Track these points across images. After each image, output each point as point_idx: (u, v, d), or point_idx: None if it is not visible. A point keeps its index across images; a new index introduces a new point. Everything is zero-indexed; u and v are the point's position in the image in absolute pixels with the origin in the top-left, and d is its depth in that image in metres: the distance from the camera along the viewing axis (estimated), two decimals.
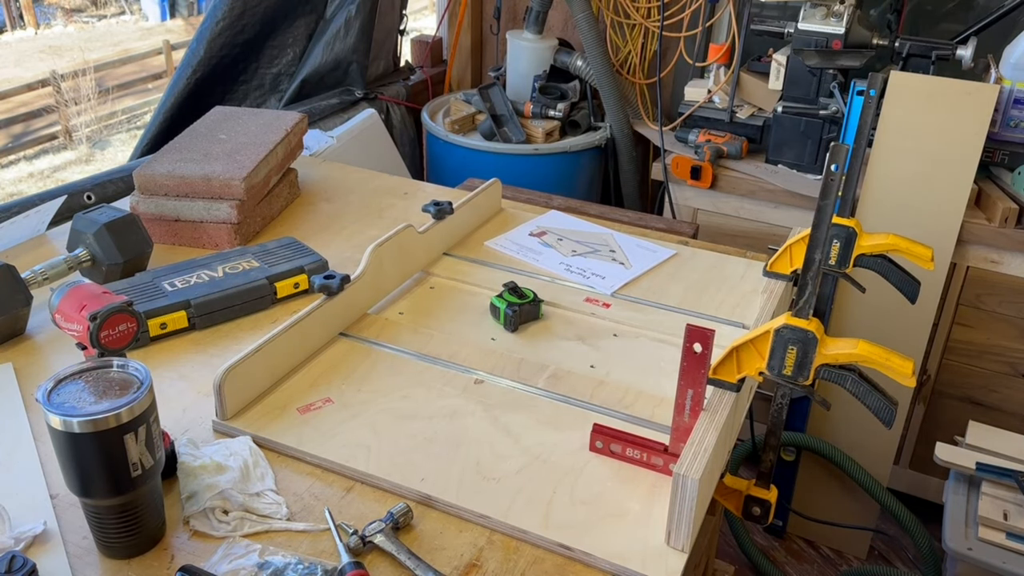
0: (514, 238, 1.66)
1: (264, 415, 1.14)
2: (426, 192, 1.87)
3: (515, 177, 2.22)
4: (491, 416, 1.15)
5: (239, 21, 2.28)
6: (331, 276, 1.30)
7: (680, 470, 0.91)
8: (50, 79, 9.08)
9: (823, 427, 2.21)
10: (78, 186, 1.87)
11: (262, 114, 1.85)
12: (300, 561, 0.91)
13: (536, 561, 0.94)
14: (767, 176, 2.23)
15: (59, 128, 8.90)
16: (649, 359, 1.30)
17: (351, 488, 1.03)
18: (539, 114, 2.51)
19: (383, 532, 0.94)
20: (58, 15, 12.40)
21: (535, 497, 1.01)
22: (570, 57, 2.59)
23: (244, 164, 1.61)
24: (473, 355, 1.28)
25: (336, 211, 1.76)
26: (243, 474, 1.01)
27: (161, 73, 10.36)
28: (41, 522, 0.95)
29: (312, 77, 2.51)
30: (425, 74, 2.95)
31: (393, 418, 1.14)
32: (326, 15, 2.52)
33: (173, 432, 1.07)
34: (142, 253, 1.45)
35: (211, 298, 1.34)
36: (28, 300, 1.30)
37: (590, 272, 1.53)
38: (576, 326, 1.39)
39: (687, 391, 1.00)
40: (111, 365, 0.92)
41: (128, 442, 0.86)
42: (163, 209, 1.58)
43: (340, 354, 1.28)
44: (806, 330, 0.98)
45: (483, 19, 3.02)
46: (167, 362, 1.26)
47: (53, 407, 0.85)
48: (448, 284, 1.50)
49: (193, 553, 0.93)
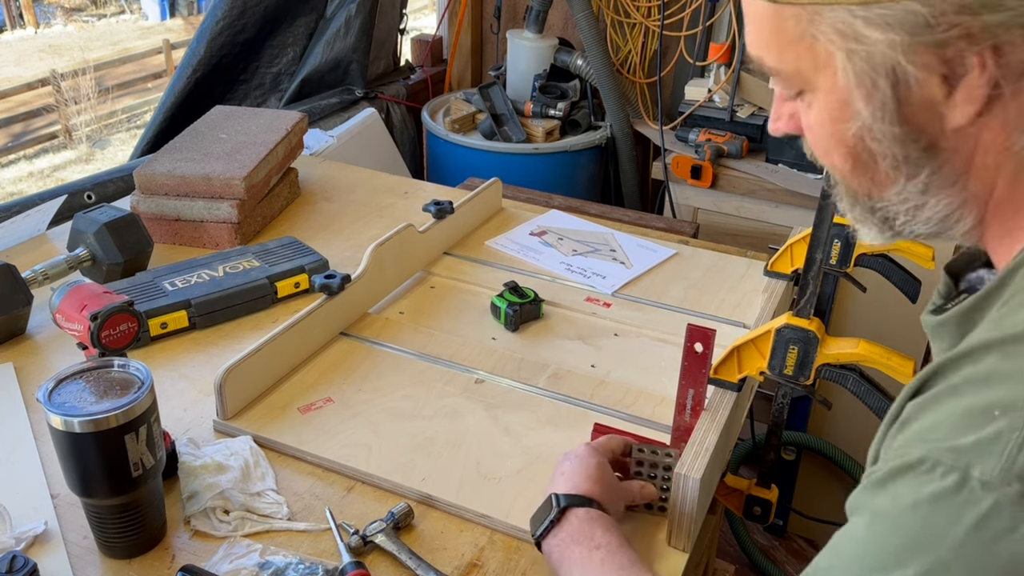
0: (515, 237, 1.66)
1: (265, 415, 1.14)
2: (426, 191, 1.86)
3: (515, 176, 2.21)
4: (492, 416, 1.15)
5: (239, 20, 2.28)
6: (332, 276, 1.30)
7: (681, 470, 0.91)
8: (50, 78, 9.08)
9: (824, 426, 2.21)
10: (78, 185, 1.87)
11: (262, 113, 1.84)
12: (301, 561, 0.91)
13: (537, 561, 0.94)
14: (768, 175, 2.23)
15: (59, 127, 8.90)
16: (650, 359, 1.30)
17: (352, 488, 1.03)
18: (539, 113, 2.51)
19: (384, 532, 0.94)
20: (58, 14, 12.40)
21: (536, 497, 1.01)
22: (570, 56, 2.59)
23: (244, 163, 1.61)
24: (474, 355, 1.28)
25: (336, 210, 1.76)
26: (244, 474, 1.01)
27: (161, 72, 10.36)
28: (42, 522, 0.95)
29: (312, 76, 2.51)
30: (425, 73, 2.95)
31: (394, 418, 1.14)
32: (326, 14, 2.52)
33: (174, 432, 1.07)
34: (142, 253, 1.45)
35: (212, 298, 1.34)
36: (28, 300, 1.30)
37: (591, 271, 1.53)
38: (577, 326, 1.39)
39: (688, 391, 1.00)
40: (112, 365, 0.92)
41: (129, 442, 0.86)
42: (163, 209, 1.58)
43: (341, 354, 1.28)
44: (807, 330, 0.98)
45: (483, 18, 3.02)
46: (168, 362, 1.26)
47: (54, 407, 0.85)
48: (449, 284, 1.50)
49: (194, 553, 0.93)
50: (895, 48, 0.54)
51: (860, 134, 0.59)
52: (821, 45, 0.58)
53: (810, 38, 0.58)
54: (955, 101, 0.56)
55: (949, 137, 0.58)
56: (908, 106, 0.57)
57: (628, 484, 0.97)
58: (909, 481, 0.50)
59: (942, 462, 0.49)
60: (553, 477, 0.94)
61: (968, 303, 0.60)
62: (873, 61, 0.56)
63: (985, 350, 0.52)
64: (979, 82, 0.54)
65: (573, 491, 0.89)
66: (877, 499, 0.52)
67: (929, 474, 0.49)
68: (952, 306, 0.63)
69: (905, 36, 0.54)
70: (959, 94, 0.55)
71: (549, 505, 0.89)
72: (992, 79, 0.54)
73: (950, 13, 0.52)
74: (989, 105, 0.55)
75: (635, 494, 0.96)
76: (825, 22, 0.57)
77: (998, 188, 0.59)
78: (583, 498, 0.88)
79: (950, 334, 0.63)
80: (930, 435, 0.51)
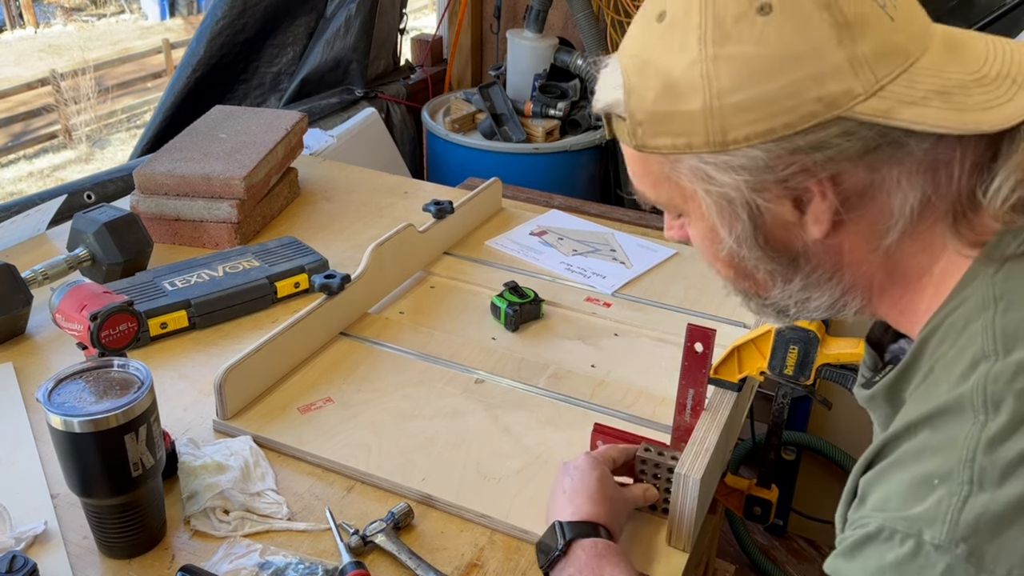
0: (515, 237, 1.66)
1: (265, 415, 1.14)
2: (426, 191, 1.86)
3: (515, 176, 2.21)
4: (492, 416, 1.15)
5: (239, 20, 2.28)
6: (331, 275, 1.30)
7: (681, 470, 0.91)
8: (50, 78, 9.07)
9: (824, 427, 2.21)
10: (78, 185, 1.87)
11: (262, 113, 1.84)
12: (301, 561, 0.91)
13: (537, 561, 0.93)
14: None
15: (59, 127, 8.89)
16: (650, 359, 1.30)
17: (352, 488, 1.03)
18: (539, 113, 2.51)
19: (384, 532, 0.94)
20: (58, 14, 12.39)
21: (536, 497, 1.01)
22: (570, 56, 2.59)
23: (244, 163, 1.61)
24: (474, 355, 1.28)
25: (336, 210, 1.76)
26: (244, 474, 1.01)
27: (161, 72, 10.35)
28: (42, 522, 0.95)
29: (312, 76, 2.51)
30: (425, 73, 2.95)
31: (394, 418, 1.14)
32: (326, 14, 2.52)
33: (174, 432, 1.07)
34: (142, 252, 1.45)
35: (211, 297, 1.34)
36: (28, 300, 1.30)
37: (591, 271, 1.53)
38: (577, 326, 1.39)
39: (688, 391, 1.00)
40: (111, 365, 0.92)
41: (129, 442, 0.86)
42: (163, 208, 1.58)
43: (341, 354, 1.28)
44: (808, 330, 0.98)
45: (483, 18, 3.02)
46: (168, 362, 1.26)
47: (54, 407, 0.85)
48: (448, 283, 1.50)
49: (194, 553, 0.93)
50: (744, 187, 0.62)
51: (731, 254, 0.67)
52: (685, 182, 0.66)
53: (675, 176, 0.66)
54: (807, 221, 0.63)
55: (813, 248, 0.65)
56: (768, 230, 0.64)
57: (631, 489, 0.96)
58: (873, 550, 0.57)
59: (898, 530, 0.55)
60: (554, 492, 0.93)
61: (891, 377, 0.67)
62: (728, 197, 0.63)
63: (918, 426, 0.58)
64: (823, 207, 0.62)
65: (577, 516, 0.87)
66: (849, 566, 0.58)
67: (888, 542, 0.56)
68: (879, 379, 0.69)
69: (750, 177, 0.61)
70: (809, 216, 0.63)
71: (553, 534, 0.86)
72: (832, 205, 0.62)
73: (785, 155, 0.60)
74: (838, 221, 0.63)
75: (639, 499, 0.96)
76: (683, 166, 0.64)
77: (875, 279, 0.67)
78: (588, 526, 0.86)
79: (881, 407, 0.70)
80: (885, 506, 0.57)
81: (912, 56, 0.60)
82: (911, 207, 0.61)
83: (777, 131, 0.59)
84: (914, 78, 0.59)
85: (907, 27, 0.61)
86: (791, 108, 0.59)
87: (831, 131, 0.59)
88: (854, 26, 0.58)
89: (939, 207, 0.62)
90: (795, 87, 0.58)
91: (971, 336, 0.59)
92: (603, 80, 0.70)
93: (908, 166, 0.60)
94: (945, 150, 0.60)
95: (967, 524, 0.52)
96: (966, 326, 0.60)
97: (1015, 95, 0.60)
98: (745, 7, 0.59)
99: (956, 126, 0.58)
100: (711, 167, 0.63)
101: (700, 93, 0.61)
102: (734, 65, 0.59)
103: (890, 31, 0.60)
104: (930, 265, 0.64)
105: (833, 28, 0.58)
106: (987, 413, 0.54)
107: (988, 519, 0.52)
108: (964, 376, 0.57)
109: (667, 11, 0.63)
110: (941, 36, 0.63)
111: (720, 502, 1.25)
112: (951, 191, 0.61)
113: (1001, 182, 0.59)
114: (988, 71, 0.61)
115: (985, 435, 0.54)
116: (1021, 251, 0.60)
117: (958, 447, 0.55)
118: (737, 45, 0.59)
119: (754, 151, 0.60)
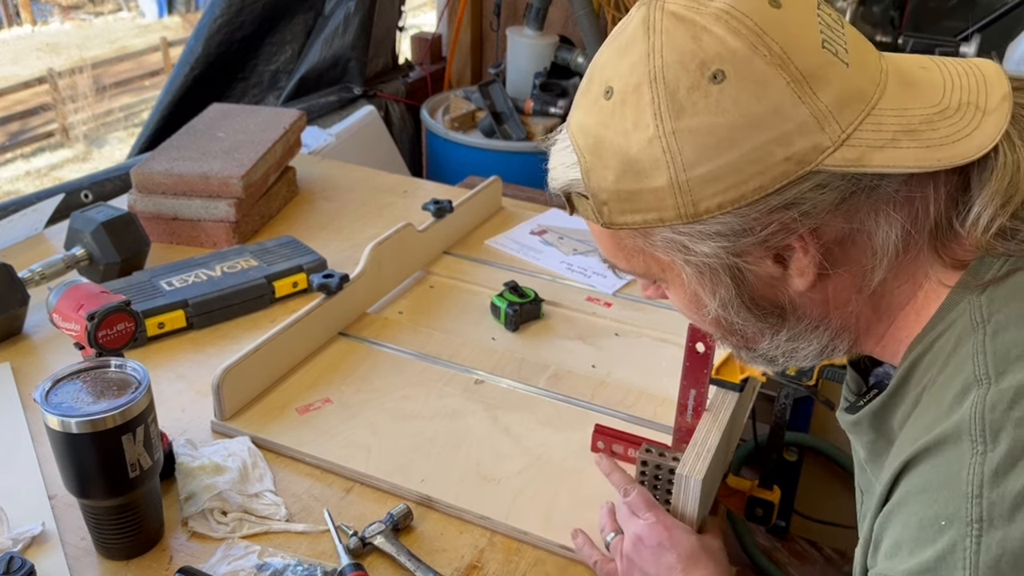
0: (515, 236, 1.65)
1: (263, 415, 1.13)
2: (426, 190, 1.86)
3: (516, 175, 2.20)
4: (492, 416, 1.15)
5: (237, 18, 2.27)
6: (330, 275, 1.29)
7: (683, 471, 0.90)
8: (47, 76, 9.06)
9: (826, 427, 2.20)
10: (75, 184, 1.86)
11: (260, 111, 1.84)
12: (299, 562, 0.90)
13: (537, 562, 0.93)
14: None
15: (56, 126, 8.87)
16: (651, 359, 1.30)
17: (351, 489, 1.03)
18: (540, 111, 2.50)
19: (383, 533, 0.93)
20: (55, 12, 12.37)
21: (536, 498, 1.00)
22: (571, 54, 2.58)
23: (242, 162, 1.60)
24: (473, 355, 1.27)
25: (335, 209, 1.76)
26: (242, 475, 1.01)
27: (158, 70, 10.33)
28: (39, 523, 0.95)
29: (311, 74, 2.50)
30: (424, 71, 2.94)
31: (393, 418, 1.14)
32: (325, 12, 2.51)
33: (171, 432, 1.07)
34: (140, 252, 1.45)
35: (209, 297, 1.33)
36: (25, 299, 1.29)
37: (591, 271, 1.52)
38: (577, 325, 1.38)
39: (689, 391, 0.99)
40: (109, 365, 0.91)
41: (126, 442, 0.86)
42: (161, 207, 1.57)
43: (339, 354, 1.27)
44: None
45: (483, 16, 3.01)
46: (165, 362, 1.25)
47: (51, 407, 0.84)
48: (448, 283, 1.49)
49: (192, 554, 0.93)
50: (723, 252, 0.61)
51: (716, 317, 0.66)
52: (660, 254, 0.65)
53: (650, 249, 0.65)
54: (791, 274, 0.63)
55: (799, 299, 0.65)
56: (752, 289, 0.64)
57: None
58: None
59: None
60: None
61: (877, 403, 0.67)
62: (708, 264, 0.62)
63: (917, 460, 0.57)
64: (805, 260, 0.61)
65: None
66: None
67: None
68: (863, 404, 0.69)
69: (728, 243, 0.61)
70: (792, 269, 0.62)
71: None
72: (815, 257, 0.61)
73: (762, 216, 0.59)
74: (823, 272, 0.62)
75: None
76: (657, 238, 0.63)
77: (862, 318, 0.66)
78: None
79: (865, 432, 0.69)
80: (896, 555, 0.56)
81: (872, 98, 0.59)
82: (893, 243, 0.61)
83: (748, 196, 0.58)
84: (879, 120, 0.58)
85: (862, 69, 0.60)
86: (761, 172, 0.58)
87: (804, 187, 0.58)
88: (811, 79, 0.57)
89: (919, 238, 0.62)
90: (761, 151, 0.57)
91: (961, 361, 0.58)
92: (555, 159, 0.69)
93: (885, 205, 0.60)
94: (918, 185, 0.60)
95: (988, 567, 0.51)
96: (955, 350, 0.59)
97: (981, 122, 0.59)
98: (697, 77, 0.58)
99: (930, 163, 0.58)
100: (686, 238, 0.61)
101: (664, 169, 0.59)
102: (695, 137, 0.58)
103: (847, 77, 0.58)
104: (914, 292, 0.64)
105: (790, 86, 0.57)
106: (986, 443, 0.53)
107: (1008, 559, 0.50)
108: (957, 401, 0.56)
109: (614, 87, 0.61)
110: (894, 71, 0.62)
111: (722, 503, 1.24)
112: (929, 221, 0.61)
113: (979, 211, 0.59)
114: (949, 101, 0.60)
115: (988, 468, 0.53)
116: (1003, 274, 0.60)
117: (961, 482, 0.53)
118: (694, 117, 0.58)
119: (728, 217, 0.59)
